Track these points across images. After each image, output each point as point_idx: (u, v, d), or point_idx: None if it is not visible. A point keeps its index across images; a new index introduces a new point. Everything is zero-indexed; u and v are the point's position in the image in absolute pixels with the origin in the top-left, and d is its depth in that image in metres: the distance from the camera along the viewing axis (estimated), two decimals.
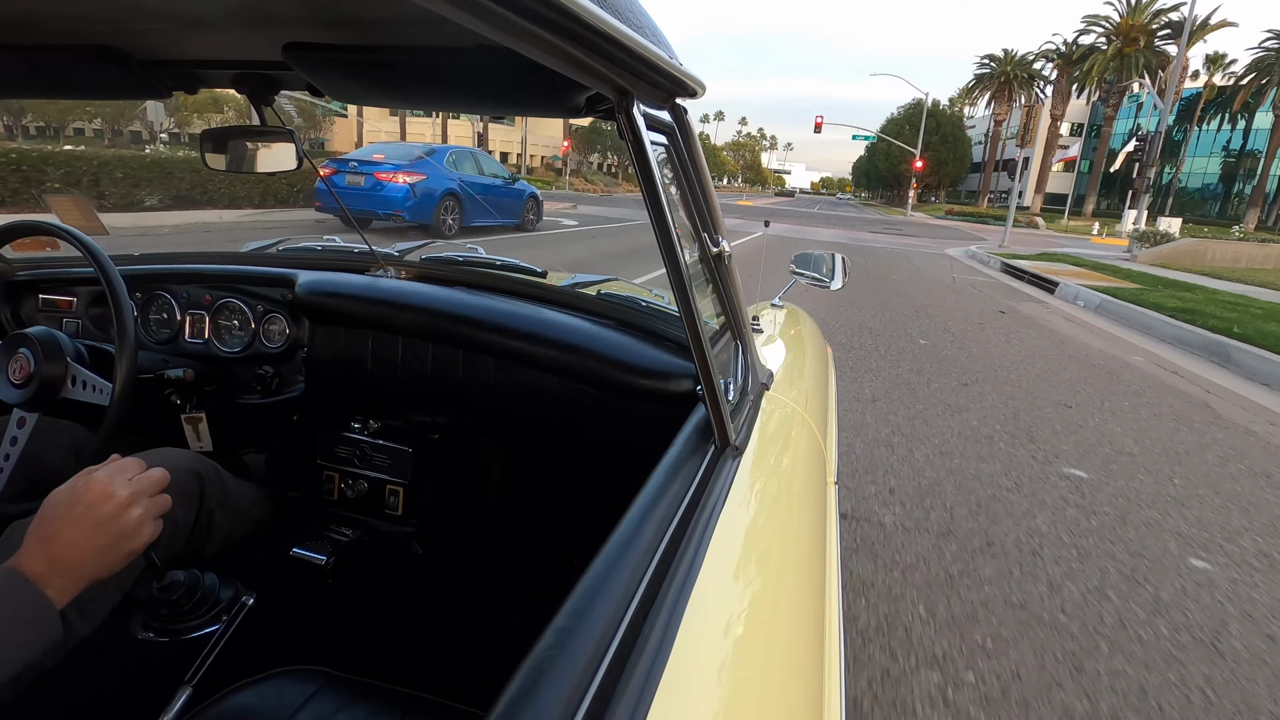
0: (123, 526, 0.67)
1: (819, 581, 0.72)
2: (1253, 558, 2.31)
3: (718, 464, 0.74)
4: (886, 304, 7.17)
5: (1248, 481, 3.00)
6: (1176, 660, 1.74)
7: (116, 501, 0.67)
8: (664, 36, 0.59)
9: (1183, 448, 3.37)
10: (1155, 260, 13.73)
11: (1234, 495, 2.83)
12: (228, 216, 10.07)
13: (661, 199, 0.63)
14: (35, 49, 0.77)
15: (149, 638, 0.92)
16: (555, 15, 0.40)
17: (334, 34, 0.68)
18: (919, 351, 5.05)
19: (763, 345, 1.35)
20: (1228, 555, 2.32)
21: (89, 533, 0.65)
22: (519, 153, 48.75)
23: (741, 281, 0.97)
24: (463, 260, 1.48)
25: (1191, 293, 8.45)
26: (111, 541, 0.67)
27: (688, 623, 0.49)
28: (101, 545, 0.66)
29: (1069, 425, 3.57)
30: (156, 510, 0.72)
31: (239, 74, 0.86)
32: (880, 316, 6.37)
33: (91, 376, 0.98)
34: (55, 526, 0.65)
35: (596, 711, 0.40)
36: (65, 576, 0.63)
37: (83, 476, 0.69)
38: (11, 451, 0.95)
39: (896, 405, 3.69)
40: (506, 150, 50.19)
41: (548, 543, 1.46)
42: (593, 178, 46.37)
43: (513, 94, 0.70)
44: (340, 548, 1.23)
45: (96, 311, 1.39)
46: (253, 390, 1.34)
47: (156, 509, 0.72)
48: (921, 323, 6.25)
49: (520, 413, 1.21)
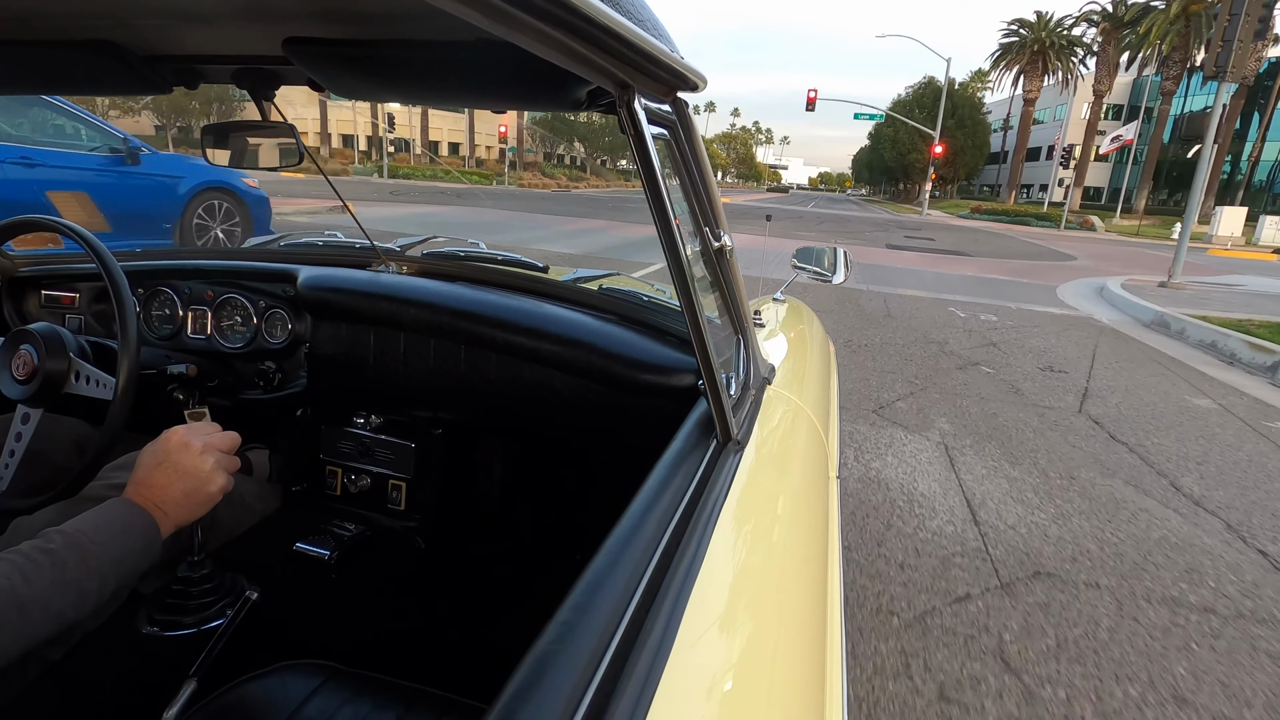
0: (199, 473, 0.78)
1: (821, 575, 0.73)
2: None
3: (719, 458, 0.75)
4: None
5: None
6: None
7: (193, 450, 0.78)
8: (665, 30, 0.58)
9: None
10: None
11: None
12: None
13: (663, 193, 0.62)
14: (36, 44, 0.77)
15: (154, 632, 0.93)
16: (556, 9, 0.40)
17: (334, 29, 0.67)
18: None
19: (764, 339, 1.35)
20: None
21: (172, 478, 0.76)
22: (495, 143, 46.06)
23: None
24: (464, 255, 1.48)
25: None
26: (192, 487, 0.77)
27: (690, 617, 0.49)
28: (185, 490, 0.76)
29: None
30: (227, 464, 0.82)
31: (239, 69, 0.86)
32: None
33: (95, 371, 0.99)
34: (145, 473, 0.76)
35: (599, 705, 0.40)
36: (162, 514, 0.74)
37: (166, 432, 0.80)
38: (16, 448, 0.95)
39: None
40: (457, 140, 46.84)
41: (550, 537, 1.47)
42: (552, 171, 42.30)
43: (513, 88, 0.70)
44: (343, 542, 1.23)
45: (99, 307, 1.39)
46: (255, 386, 1.34)
47: (228, 463, 0.82)
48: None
49: (522, 408, 1.21)
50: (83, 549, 0.65)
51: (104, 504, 0.71)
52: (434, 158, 41.08)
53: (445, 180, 29.46)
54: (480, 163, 42.53)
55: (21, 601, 0.59)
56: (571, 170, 49.52)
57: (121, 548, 0.68)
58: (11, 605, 0.58)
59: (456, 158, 45.22)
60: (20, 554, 0.62)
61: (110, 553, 0.66)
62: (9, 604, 0.58)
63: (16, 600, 0.59)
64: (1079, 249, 16.03)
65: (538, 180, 34.48)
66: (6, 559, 0.61)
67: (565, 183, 36.97)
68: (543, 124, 48.17)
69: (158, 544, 0.72)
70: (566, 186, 35.08)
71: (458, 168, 36.99)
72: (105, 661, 0.89)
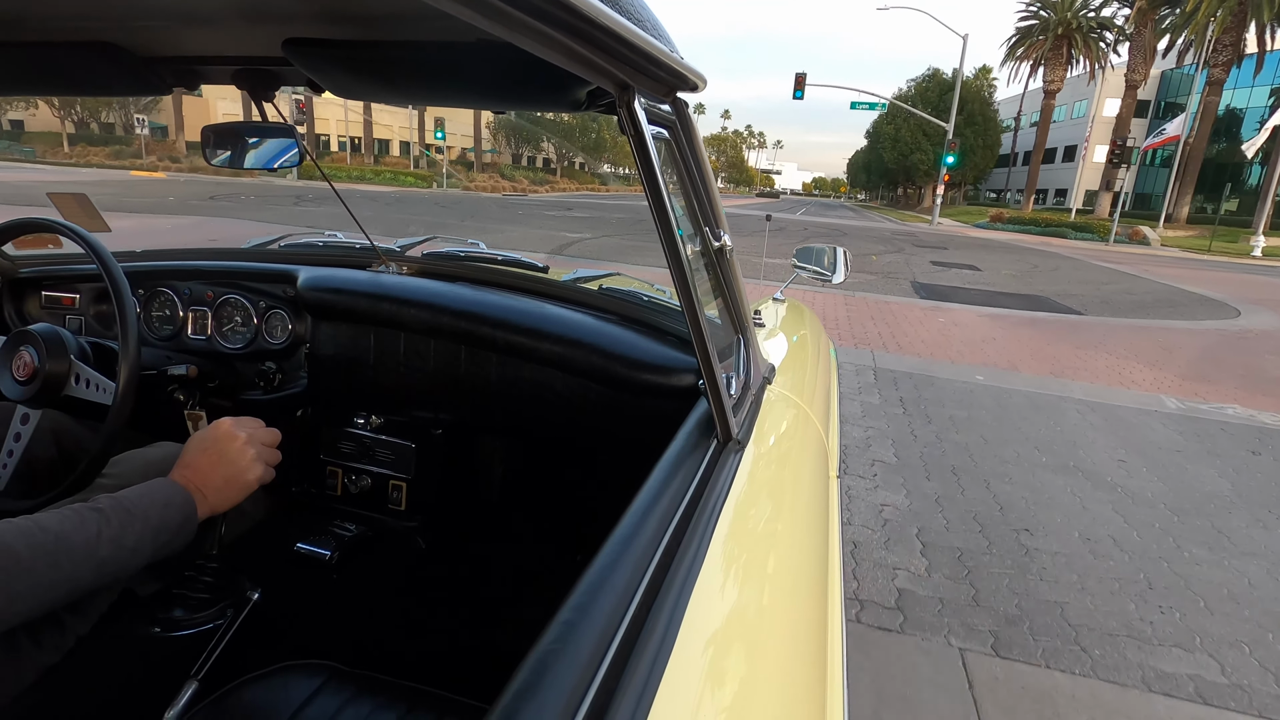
0: (241, 461, 0.82)
1: (821, 574, 0.73)
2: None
3: (720, 458, 0.75)
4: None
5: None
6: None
7: (238, 441, 0.82)
8: (665, 30, 0.58)
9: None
10: None
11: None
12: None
13: (663, 192, 0.62)
14: (36, 45, 0.77)
15: (154, 633, 0.93)
16: (556, 10, 0.40)
17: (334, 29, 0.67)
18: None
19: (764, 339, 1.35)
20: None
21: (215, 463, 0.80)
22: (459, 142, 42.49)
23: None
24: (464, 255, 1.48)
25: None
26: (232, 474, 0.81)
27: (690, 616, 0.49)
28: (225, 475, 0.80)
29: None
30: (268, 457, 0.86)
31: (239, 70, 0.86)
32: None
33: (95, 375, 0.99)
34: (191, 456, 0.81)
35: (600, 705, 0.40)
36: (202, 498, 0.78)
37: (216, 422, 0.85)
38: (15, 448, 0.95)
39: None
40: (406, 139, 43.44)
41: (551, 537, 1.47)
42: (513, 173, 38.79)
43: (513, 89, 0.70)
44: (344, 543, 1.23)
45: (99, 308, 1.39)
46: (255, 386, 1.34)
47: (269, 456, 0.86)
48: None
49: (523, 408, 1.21)
50: (128, 513, 0.69)
51: (149, 482, 0.76)
52: (377, 157, 38.42)
53: (378, 183, 26.55)
54: (432, 164, 37.14)
55: (71, 546, 0.64)
56: (538, 172, 46.34)
57: (161, 519, 0.72)
58: (62, 549, 0.63)
59: (405, 158, 41.83)
60: (72, 509, 0.67)
61: (150, 521, 0.71)
62: (60, 547, 0.63)
63: (66, 545, 0.63)
64: (1188, 277, 12.42)
65: (492, 183, 31.14)
66: (57, 511, 0.67)
67: (527, 186, 33.51)
68: (506, 123, 45.22)
69: (195, 521, 0.76)
70: (525, 190, 31.61)
71: (402, 169, 32.58)
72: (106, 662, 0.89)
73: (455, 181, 29.91)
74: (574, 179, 49.54)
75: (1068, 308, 8.04)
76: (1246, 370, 5.45)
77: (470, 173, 35.10)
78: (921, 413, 3.77)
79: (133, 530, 0.69)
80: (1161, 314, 8.16)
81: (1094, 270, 12.94)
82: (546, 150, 52.12)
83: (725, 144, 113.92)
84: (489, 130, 45.22)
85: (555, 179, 44.70)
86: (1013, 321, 6.84)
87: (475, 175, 34.16)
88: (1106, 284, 10.73)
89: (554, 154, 52.20)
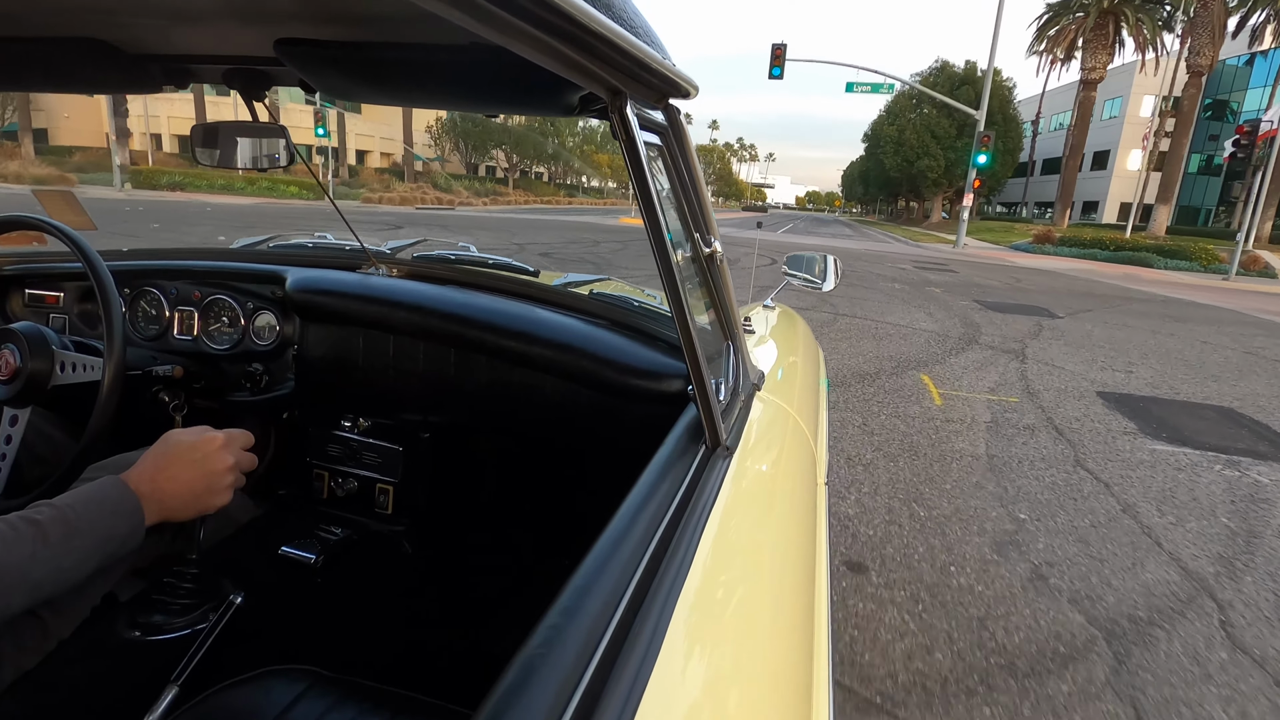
0: (218, 483, 0.79)
1: (808, 582, 0.73)
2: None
3: (708, 464, 0.75)
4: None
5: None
6: None
7: (225, 463, 0.79)
8: (658, 37, 0.59)
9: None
10: None
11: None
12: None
13: (654, 198, 0.63)
14: (24, 41, 0.76)
15: (135, 636, 0.92)
16: (549, 15, 0.40)
17: (326, 30, 0.67)
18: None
19: (754, 346, 1.36)
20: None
21: (193, 477, 0.77)
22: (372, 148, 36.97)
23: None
24: (455, 258, 1.48)
25: None
26: (204, 491, 0.78)
27: (677, 622, 0.49)
28: (196, 491, 0.77)
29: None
30: (240, 483, 0.84)
31: (230, 69, 0.86)
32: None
33: (78, 356, 0.97)
34: (169, 460, 0.76)
35: (585, 710, 0.40)
36: (157, 503, 0.73)
37: (206, 431, 0.82)
38: (7, 450, 0.94)
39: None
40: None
41: (538, 541, 1.46)
42: (449, 183, 32.79)
43: (505, 93, 0.70)
44: (329, 546, 1.22)
45: (84, 307, 1.38)
46: (242, 388, 1.33)
47: (241, 482, 0.84)
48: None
49: (512, 412, 1.21)
50: (69, 524, 0.64)
51: (96, 482, 0.70)
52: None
53: (251, 193, 21.87)
54: (354, 171, 33.54)
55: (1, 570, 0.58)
56: (486, 183, 40.06)
57: (108, 529, 0.67)
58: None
59: (318, 163, 30.66)
60: (5, 522, 0.62)
61: (96, 531, 0.66)
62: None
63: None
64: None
65: (418, 194, 26.49)
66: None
67: (466, 198, 29.33)
68: (453, 127, 39.43)
69: (141, 528, 0.72)
70: (450, 203, 26.98)
71: (280, 179, 24.06)
72: (85, 666, 0.87)
73: (359, 191, 25.41)
74: (531, 190, 45.26)
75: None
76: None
77: (397, 181, 30.06)
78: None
79: (74, 546, 0.63)
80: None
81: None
82: (498, 159, 46.19)
83: (712, 155, 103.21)
84: (430, 134, 40.79)
85: (506, 191, 39.70)
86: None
87: (396, 185, 28.71)
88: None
89: (505, 163, 46.30)
